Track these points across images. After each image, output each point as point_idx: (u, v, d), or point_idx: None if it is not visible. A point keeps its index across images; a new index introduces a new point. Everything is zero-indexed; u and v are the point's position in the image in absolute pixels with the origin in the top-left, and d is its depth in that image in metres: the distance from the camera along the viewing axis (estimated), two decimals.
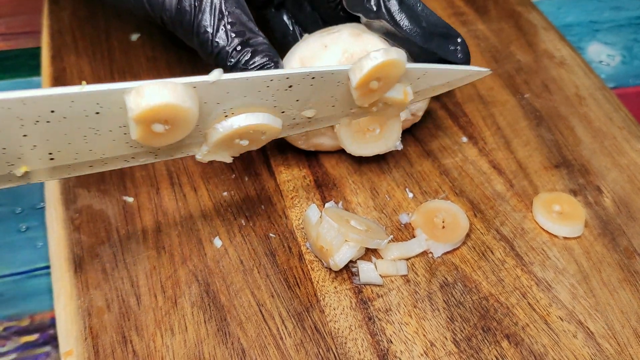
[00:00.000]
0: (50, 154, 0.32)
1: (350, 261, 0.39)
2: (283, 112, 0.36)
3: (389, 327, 0.37)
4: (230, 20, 0.38)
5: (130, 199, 0.42)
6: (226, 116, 0.34)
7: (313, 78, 0.35)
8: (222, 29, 0.38)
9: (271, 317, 0.37)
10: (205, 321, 0.37)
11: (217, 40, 0.38)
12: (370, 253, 0.40)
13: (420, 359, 0.36)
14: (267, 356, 0.35)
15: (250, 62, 0.38)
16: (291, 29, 0.49)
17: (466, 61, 0.42)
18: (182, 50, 0.52)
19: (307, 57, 0.41)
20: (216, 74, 0.33)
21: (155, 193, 0.43)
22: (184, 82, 0.32)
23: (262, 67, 0.38)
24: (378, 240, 0.39)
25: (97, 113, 0.31)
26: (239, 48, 0.38)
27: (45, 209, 0.42)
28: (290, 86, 0.35)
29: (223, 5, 0.38)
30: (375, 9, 0.41)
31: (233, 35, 0.38)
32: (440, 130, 0.48)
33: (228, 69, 0.39)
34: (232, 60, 0.38)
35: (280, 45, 0.47)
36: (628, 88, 0.58)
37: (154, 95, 0.30)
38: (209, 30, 0.38)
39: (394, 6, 0.40)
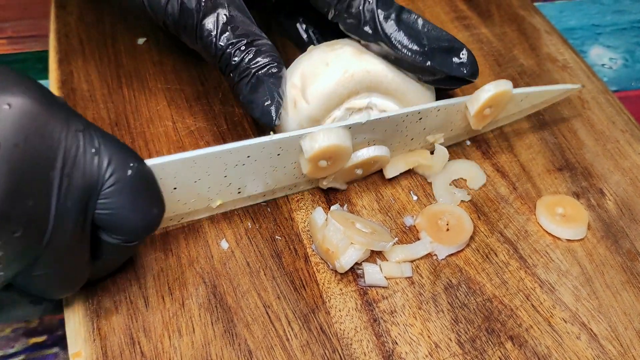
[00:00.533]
0: (239, 188, 0.40)
1: (356, 263, 0.39)
2: (412, 139, 0.44)
3: (394, 328, 0.37)
4: (233, 23, 0.39)
5: None
6: (369, 144, 0.42)
7: (438, 110, 0.43)
8: (225, 32, 0.39)
9: (277, 318, 0.37)
10: (213, 323, 0.37)
11: (220, 42, 0.39)
12: (375, 255, 0.41)
13: None
14: (274, 357, 0.36)
15: (254, 62, 0.39)
16: (305, 35, 0.49)
17: (473, 74, 0.42)
18: (188, 54, 0.52)
19: (308, 74, 0.41)
20: (365, 116, 0.40)
21: None
22: (342, 125, 0.39)
23: (265, 66, 0.39)
24: (383, 242, 0.39)
25: (278, 154, 0.39)
26: (242, 48, 0.39)
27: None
28: (420, 118, 0.43)
29: (226, 10, 0.39)
30: (371, 32, 0.40)
31: (236, 36, 0.39)
32: None
33: (232, 69, 0.39)
34: (236, 59, 0.39)
35: (296, 49, 0.47)
36: (630, 91, 0.59)
37: (324, 139, 0.38)
38: (213, 33, 0.39)
39: (390, 28, 0.40)
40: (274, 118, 0.39)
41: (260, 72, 0.39)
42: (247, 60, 0.39)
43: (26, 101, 0.29)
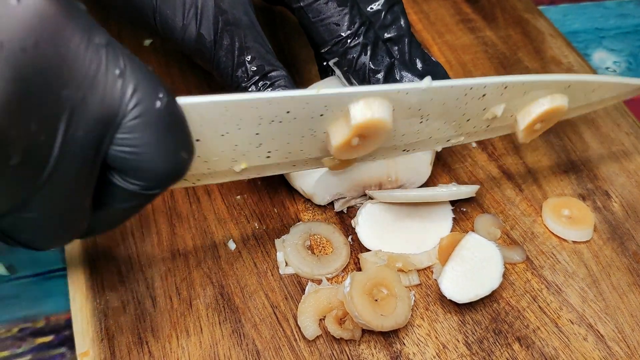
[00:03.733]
0: (269, 152, 0.34)
1: None
2: (468, 120, 0.38)
3: (402, 329, 0.37)
4: (249, 55, 0.38)
5: None
6: (420, 122, 0.37)
7: (505, 88, 0.37)
8: (241, 65, 0.38)
9: (285, 319, 0.37)
10: (220, 323, 0.37)
11: (237, 75, 0.38)
12: None
13: None
14: (282, 357, 0.36)
15: None
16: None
17: None
18: None
19: None
20: (427, 82, 0.34)
21: (169, 196, 0.43)
22: (400, 89, 0.34)
23: None
24: None
25: (322, 115, 0.33)
26: (257, 81, 0.38)
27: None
28: (484, 94, 0.37)
29: (243, 41, 0.38)
30: (359, 82, 0.40)
31: (253, 70, 0.38)
32: None
33: None
34: (250, 91, 0.39)
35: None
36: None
37: (379, 109, 0.33)
38: (229, 64, 0.38)
39: (376, 82, 0.40)
40: None
41: None
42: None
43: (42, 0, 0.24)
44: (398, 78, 0.40)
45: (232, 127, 0.32)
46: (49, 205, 0.26)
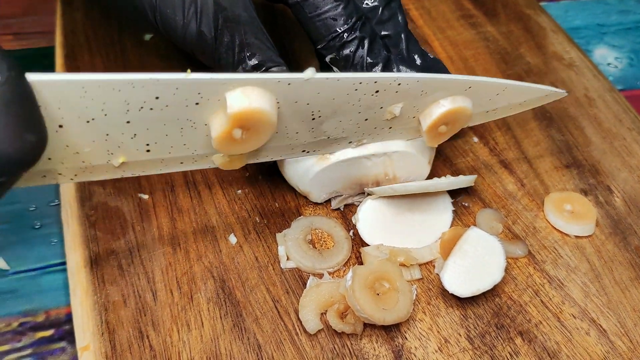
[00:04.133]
0: (148, 144, 0.32)
1: None
2: (366, 119, 0.37)
3: (404, 323, 0.37)
4: (250, 51, 0.38)
5: (145, 196, 0.42)
6: (313, 119, 0.35)
7: (399, 84, 0.35)
8: (242, 61, 0.38)
9: (286, 313, 0.37)
10: (221, 317, 0.37)
11: (238, 71, 0.38)
12: None
13: (434, 355, 0.36)
14: (283, 351, 0.36)
15: None
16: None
17: None
18: None
19: None
20: (310, 73, 0.32)
21: (170, 191, 0.43)
22: (281, 78, 0.31)
23: None
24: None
25: (197, 104, 0.31)
26: None
27: (61, 206, 0.42)
28: (377, 91, 0.35)
29: (243, 37, 0.38)
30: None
31: (253, 66, 0.38)
32: None
33: None
34: None
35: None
36: (636, 90, 0.59)
37: (258, 99, 0.31)
38: (230, 61, 0.38)
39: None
40: None
41: None
42: None
43: None
44: (395, 71, 0.40)
45: (96, 112, 0.29)
46: None
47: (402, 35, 0.42)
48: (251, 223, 0.42)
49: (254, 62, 0.38)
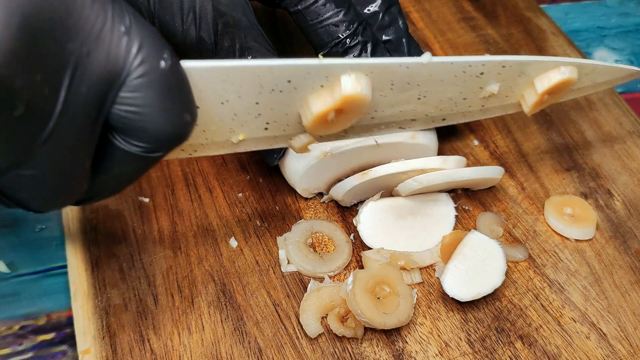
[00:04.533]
0: (267, 123, 0.34)
1: None
2: (465, 98, 0.38)
3: (404, 327, 0.37)
4: (250, 55, 0.38)
5: (146, 200, 0.43)
6: (418, 99, 0.37)
7: (503, 67, 0.37)
8: None
9: (287, 316, 0.37)
10: (222, 320, 0.37)
11: None
12: None
13: (435, 359, 0.36)
14: (284, 355, 0.36)
15: None
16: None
17: None
18: None
19: None
20: (427, 57, 0.34)
21: (171, 194, 0.43)
22: (401, 63, 0.34)
23: None
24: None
25: (322, 86, 0.32)
26: None
27: (62, 209, 0.42)
28: (482, 72, 0.37)
29: (243, 41, 0.38)
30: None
31: None
32: (451, 134, 0.49)
33: None
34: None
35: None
36: (636, 93, 0.59)
37: (367, 87, 0.32)
38: None
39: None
40: (274, 158, 0.40)
41: None
42: None
43: None
44: None
45: (232, 94, 0.31)
46: (49, 163, 0.26)
47: (404, 40, 0.42)
48: (252, 226, 0.42)
49: None
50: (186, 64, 0.29)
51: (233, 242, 0.41)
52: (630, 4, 0.68)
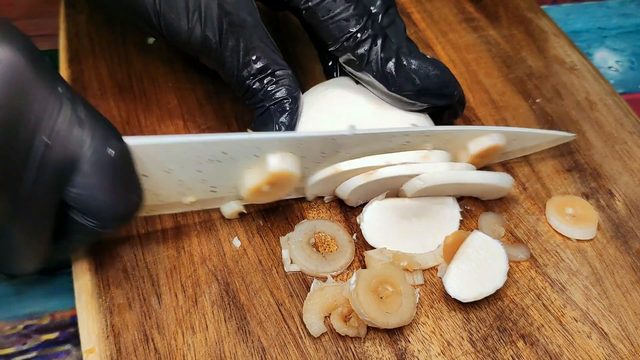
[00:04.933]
0: (213, 187, 0.38)
1: None
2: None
3: (407, 326, 0.37)
4: (255, 55, 0.39)
5: None
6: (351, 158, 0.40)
7: (427, 136, 0.40)
8: (247, 64, 0.39)
9: (290, 316, 0.37)
10: (226, 320, 0.37)
11: (242, 74, 0.39)
12: None
13: (437, 358, 0.36)
14: (287, 354, 0.36)
15: (269, 95, 0.39)
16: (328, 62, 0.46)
17: (457, 113, 0.44)
18: None
19: (325, 109, 0.41)
20: (351, 130, 0.38)
21: None
22: (327, 135, 0.37)
23: (279, 101, 0.39)
24: None
25: (256, 156, 0.36)
26: (261, 79, 0.39)
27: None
28: (408, 141, 0.40)
29: (248, 41, 0.38)
30: (374, 73, 0.40)
31: (258, 69, 0.39)
32: None
33: (248, 97, 0.40)
34: (254, 91, 0.39)
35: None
36: (637, 94, 0.59)
37: (293, 164, 0.37)
38: (235, 64, 0.39)
39: (389, 70, 0.40)
40: None
41: (273, 107, 0.39)
42: (263, 92, 0.39)
43: (13, 54, 0.26)
44: (405, 64, 0.40)
45: (174, 165, 0.35)
46: (16, 235, 0.30)
47: (402, 41, 0.42)
48: (255, 226, 0.42)
49: (259, 65, 0.39)
50: (129, 141, 0.32)
51: (236, 242, 0.41)
52: (631, 4, 0.68)
